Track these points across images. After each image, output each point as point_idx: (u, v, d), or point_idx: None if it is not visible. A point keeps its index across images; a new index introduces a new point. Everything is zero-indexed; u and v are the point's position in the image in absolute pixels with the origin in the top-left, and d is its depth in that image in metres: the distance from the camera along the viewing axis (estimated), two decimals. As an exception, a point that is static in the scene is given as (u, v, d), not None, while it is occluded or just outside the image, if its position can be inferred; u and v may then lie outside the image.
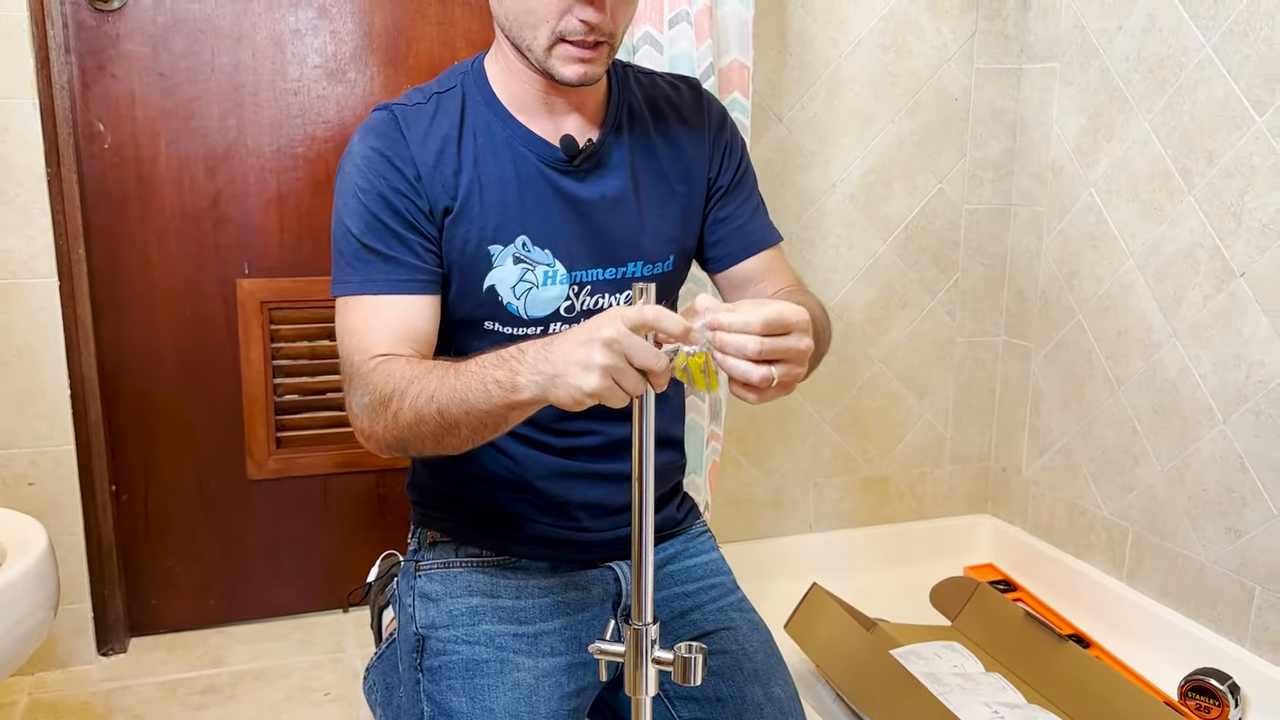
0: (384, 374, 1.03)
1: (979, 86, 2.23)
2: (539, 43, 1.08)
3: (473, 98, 1.17)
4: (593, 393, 0.84)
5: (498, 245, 1.14)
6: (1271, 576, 1.73)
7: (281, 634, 2.03)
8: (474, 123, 1.15)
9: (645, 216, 1.20)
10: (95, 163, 1.81)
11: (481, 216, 1.13)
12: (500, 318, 1.16)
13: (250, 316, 1.93)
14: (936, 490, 2.42)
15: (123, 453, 1.92)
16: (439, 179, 1.12)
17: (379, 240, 1.10)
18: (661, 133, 1.23)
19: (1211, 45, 1.79)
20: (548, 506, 1.22)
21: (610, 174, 1.18)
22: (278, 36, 1.86)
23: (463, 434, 0.98)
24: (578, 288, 1.17)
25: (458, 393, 0.95)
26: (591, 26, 1.05)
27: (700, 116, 1.27)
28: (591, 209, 1.17)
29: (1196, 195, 1.83)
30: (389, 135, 1.12)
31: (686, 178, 1.24)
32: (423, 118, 1.14)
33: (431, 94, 1.17)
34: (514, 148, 1.15)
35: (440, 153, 1.13)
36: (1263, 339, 1.72)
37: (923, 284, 2.29)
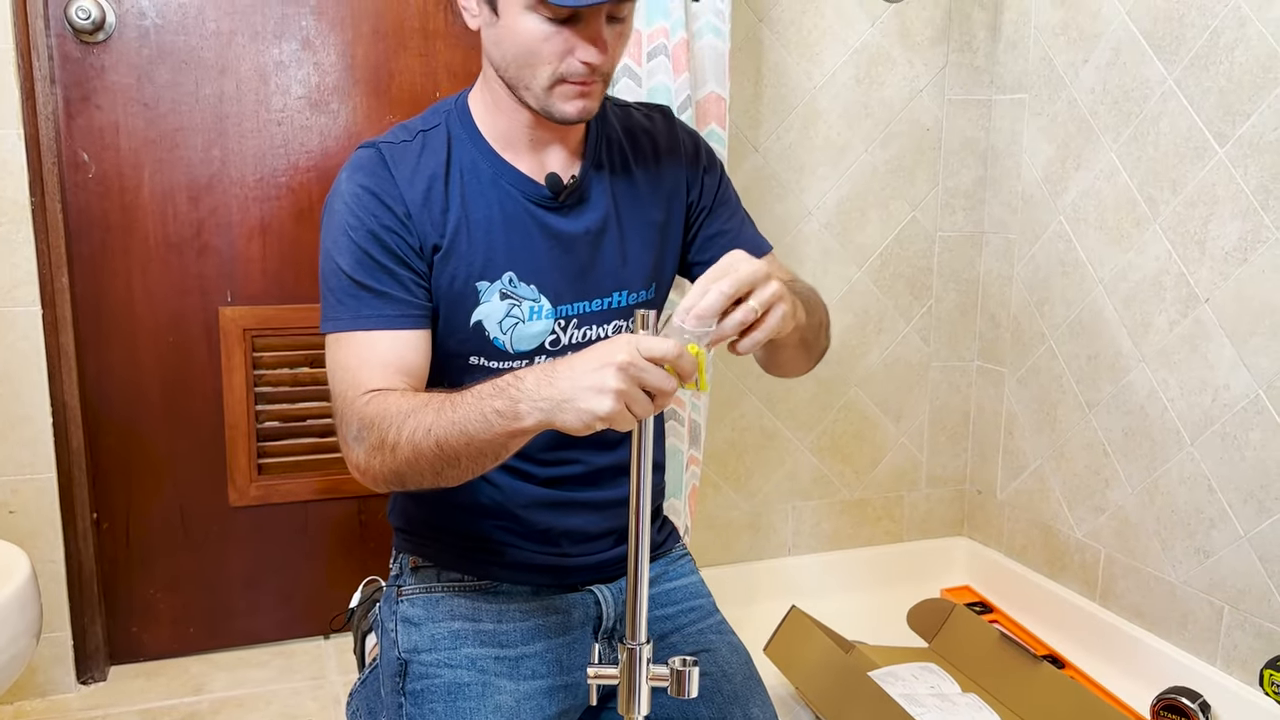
0: (378, 409, 1.03)
1: (950, 117, 2.28)
2: (539, 83, 1.09)
3: (458, 135, 1.18)
4: (605, 416, 0.86)
5: (485, 281, 1.15)
6: (1240, 596, 1.77)
7: (263, 661, 2.03)
8: (460, 161, 1.17)
9: (627, 247, 1.23)
10: (79, 192, 1.83)
11: (469, 253, 1.15)
12: (486, 352, 1.17)
13: (233, 344, 1.94)
14: (913, 513, 2.45)
15: (104, 480, 1.92)
16: (428, 216, 1.13)
17: (370, 276, 1.11)
18: (639, 162, 1.26)
19: (1174, 78, 1.84)
20: (530, 534, 1.24)
21: (592, 208, 1.21)
22: (261, 68, 1.89)
23: (463, 465, 0.99)
24: (564, 321, 1.19)
25: (456, 425, 0.96)
26: (593, 68, 1.08)
27: (675, 142, 1.30)
28: (575, 243, 1.19)
29: (1162, 223, 1.88)
30: (377, 173, 1.13)
31: (666, 205, 1.27)
32: (409, 155, 1.15)
33: (416, 132, 1.18)
34: (500, 185, 1.17)
35: (428, 191, 1.14)
36: (1227, 363, 1.77)
37: (898, 310, 2.33)
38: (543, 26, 1.06)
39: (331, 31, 1.91)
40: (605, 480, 1.25)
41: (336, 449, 2.04)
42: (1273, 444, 1.70)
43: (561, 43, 1.07)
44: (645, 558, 0.93)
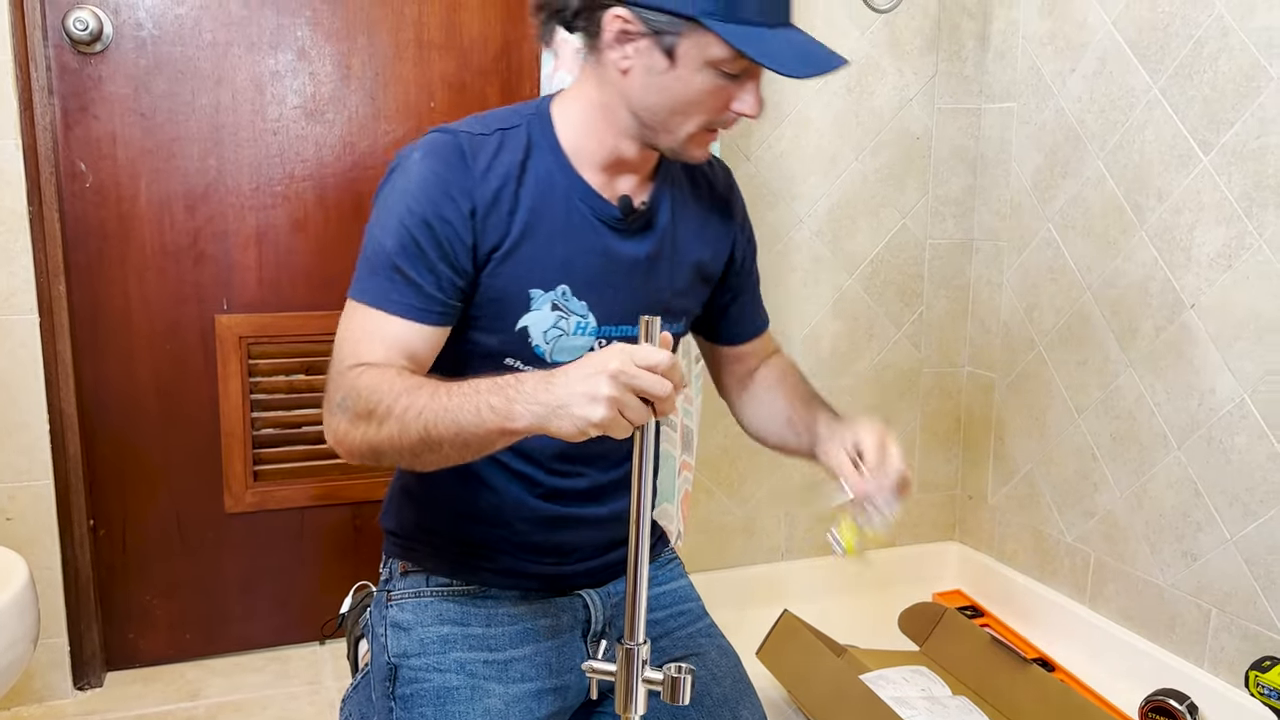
0: (371, 381, 1.03)
1: (940, 126, 2.31)
2: (685, 130, 1.11)
3: (537, 141, 1.17)
4: (599, 423, 0.87)
5: (539, 290, 1.15)
6: (1226, 599, 1.79)
7: (258, 666, 2.04)
8: (535, 166, 1.16)
9: (676, 280, 1.25)
10: (76, 201, 1.84)
11: (529, 259, 1.14)
12: (524, 356, 1.17)
13: (229, 352, 1.96)
14: (905, 518, 2.46)
15: (101, 487, 1.94)
16: (495, 216, 1.13)
17: (410, 264, 1.10)
18: (695, 202, 1.29)
19: (1159, 87, 1.86)
20: (524, 545, 1.24)
21: (652, 235, 1.22)
22: (257, 78, 1.91)
23: (444, 452, 0.98)
24: (604, 340, 1.20)
25: (449, 413, 0.95)
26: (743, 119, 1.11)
27: (730, 197, 1.34)
28: (632, 267, 1.20)
29: (1148, 230, 1.90)
30: (452, 163, 1.12)
31: (711, 249, 1.30)
32: (487, 150, 1.14)
33: (495, 128, 1.16)
34: (570, 199, 1.17)
35: (500, 190, 1.13)
36: (1213, 368, 1.79)
37: (888, 316, 2.35)
38: (716, 81, 1.08)
39: (327, 42, 1.93)
40: (606, 495, 1.27)
41: (332, 456, 2.06)
42: (1258, 448, 1.72)
43: (724, 96, 1.09)
44: (644, 559, 0.93)
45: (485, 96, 2.04)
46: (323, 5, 1.92)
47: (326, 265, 1.99)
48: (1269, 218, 1.68)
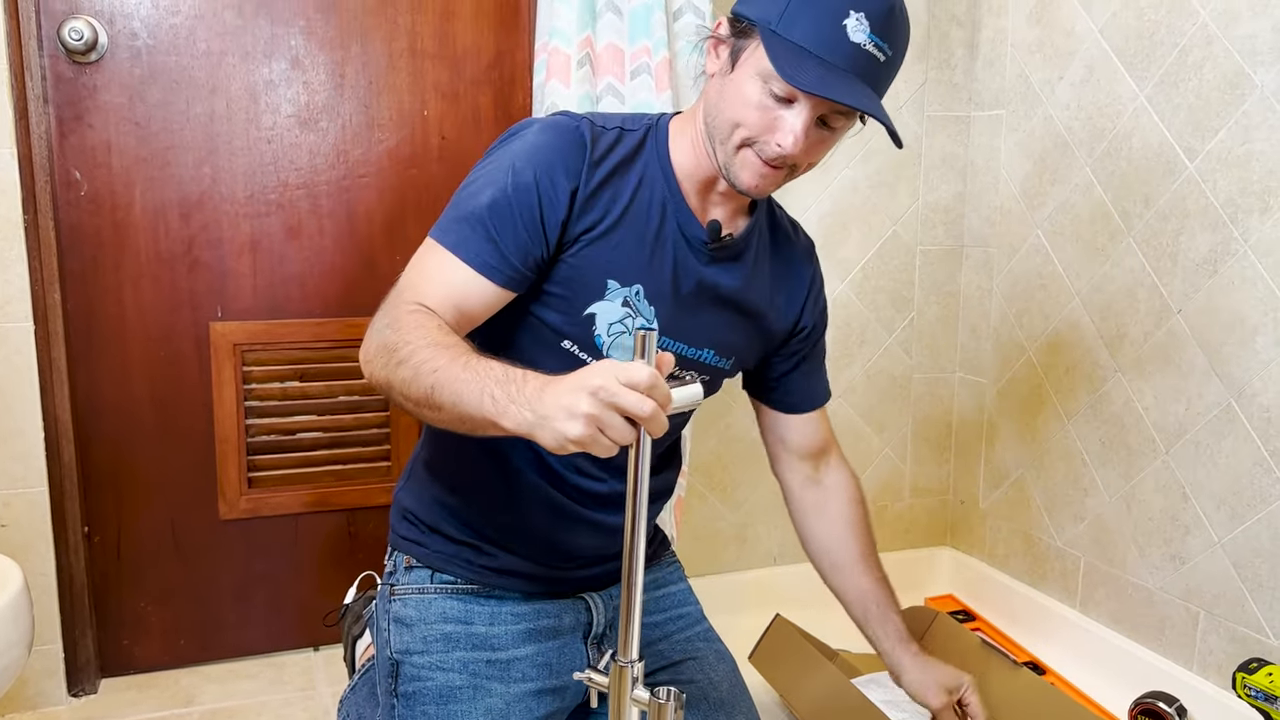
0: (414, 322, 1.04)
1: (930, 133, 2.33)
2: (732, 141, 1.13)
3: (650, 150, 1.21)
4: (576, 440, 0.87)
5: (616, 282, 1.18)
6: (1214, 602, 1.80)
7: (253, 673, 2.04)
8: (643, 169, 1.19)
9: (738, 319, 1.28)
10: (71, 210, 1.85)
11: (617, 250, 1.17)
12: (582, 343, 1.19)
13: (223, 359, 1.96)
14: (897, 524, 2.48)
15: (95, 494, 1.94)
16: (596, 200, 1.15)
17: (498, 222, 1.11)
18: (776, 257, 1.32)
19: (1145, 95, 1.88)
20: (533, 541, 1.26)
21: (732, 270, 1.25)
22: (252, 87, 1.92)
23: (442, 418, 0.99)
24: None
25: (456, 383, 0.96)
26: (784, 156, 1.11)
27: (808, 265, 1.37)
28: (704, 290, 1.23)
29: (1135, 236, 1.92)
30: (572, 141, 1.15)
31: (779, 307, 1.33)
32: (605, 141, 1.17)
33: (617, 126, 1.20)
34: (665, 210, 1.20)
35: (607, 178, 1.16)
36: (1200, 373, 1.80)
37: (880, 322, 2.37)
38: (764, 97, 1.09)
39: (321, 51, 1.95)
40: (621, 506, 1.27)
41: (326, 462, 2.08)
42: (1244, 452, 1.73)
43: (771, 118, 1.10)
44: (639, 578, 0.93)
45: (478, 105, 2.06)
46: (316, 15, 1.93)
47: (320, 273, 2.01)
48: (1253, 223, 1.70)
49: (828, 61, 1.06)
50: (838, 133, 1.14)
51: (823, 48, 1.06)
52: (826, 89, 1.04)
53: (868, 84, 1.08)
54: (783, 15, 1.07)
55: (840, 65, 1.06)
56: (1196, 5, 1.77)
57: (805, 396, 1.43)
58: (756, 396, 1.46)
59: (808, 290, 1.36)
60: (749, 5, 1.12)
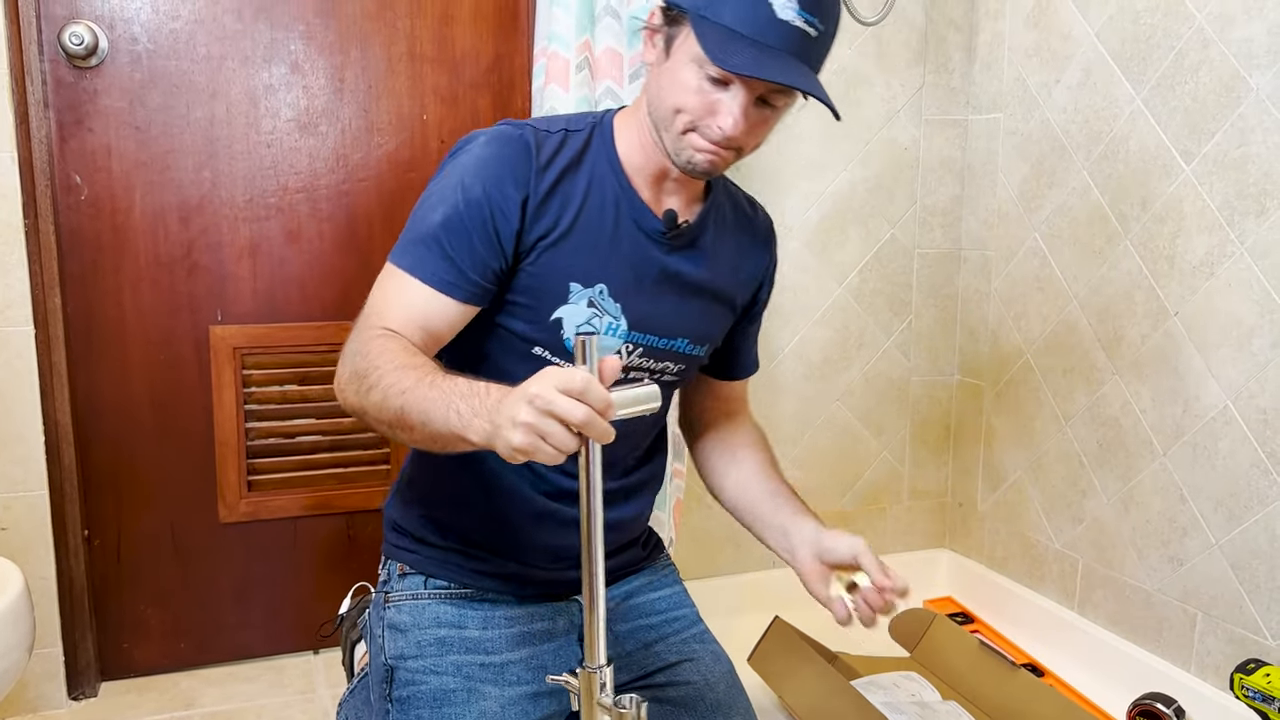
0: (380, 347, 1.07)
1: (928, 136, 2.33)
2: (675, 128, 1.14)
3: (597, 148, 1.21)
4: (519, 448, 0.88)
5: (578, 284, 1.19)
6: (1212, 603, 1.81)
7: (252, 676, 2.05)
8: (591, 168, 1.20)
9: (705, 303, 1.29)
10: (72, 214, 1.86)
11: (574, 254, 1.18)
12: (553, 348, 1.20)
13: (223, 362, 1.97)
14: (896, 526, 2.49)
15: (95, 497, 1.95)
16: (548, 207, 1.16)
17: (451, 239, 1.13)
18: (736, 239, 1.32)
19: (1141, 98, 1.89)
20: (519, 546, 1.26)
21: (693, 256, 1.26)
22: (251, 91, 1.93)
23: (415, 438, 1.01)
24: (631, 345, 1.23)
25: (424, 402, 0.98)
26: (727, 138, 1.12)
27: (768, 242, 1.38)
28: (667, 280, 1.24)
29: (1132, 239, 1.93)
30: (517, 151, 1.16)
31: (741, 286, 1.34)
32: (550, 146, 1.18)
33: (561, 128, 1.21)
34: (619, 205, 1.20)
35: (556, 183, 1.17)
36: (1196, 375, 1.81)
37: (878, 325, 2.37)
38: (700, 82, 1.10)
39: (320, 56, 1.95)
40: (617, 501, 1.29)
41: (325, 465, 2.08)
42: (1241, 453, 1.74)
43: (709, 102, 1.11)
44: (600, 585, 0.93)
45: (477, 109, 2.06)
46: (316, 19, 1.94)
47: (320, 276, 2.01)
48: (1249, 226, 1.70)
49: (758, 42, 1.07)
50: (779, 110, 1.15)
51: (752, 28, 1.07)
52: (759, 69, 1.05)
53: (802, 60, 1.09)
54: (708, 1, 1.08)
55: (772, 44, 1.07)
56: (1192, 9, 1.78)
57: (742, 366, 1.44)
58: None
59: (766, 268, 1.37)
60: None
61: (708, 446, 1.45)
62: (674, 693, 1.29)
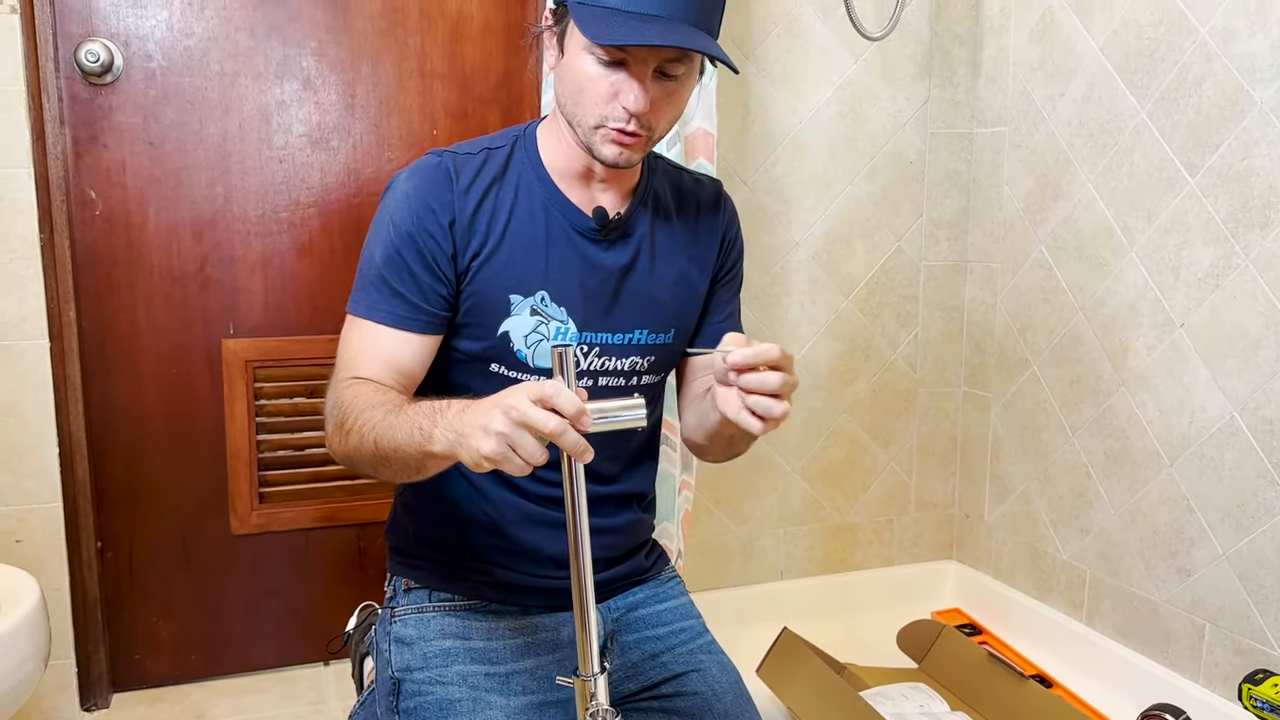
0: (351, 395, 1.11)
1: (933, 150, 2.35)
2: (587, 121, 1.15)
3: (519, 158, 1.24)
4: (488, 456, 0.89)
5: (518, 295, 1.21)
6: (1220, 614, 1.81)
7: (263, 687, 2.06)
8: (516, 180, 1.23)
9: (656, 290, 1.29)
10: (86, 229, 1.88)
11: (508, 265, 1.20)
12: (507, 362, 1.22)
13: (235, 375, 1.99)
14: (903, 537, 2.49)
15: (108, 509, 1.96)
16: (475, 225, 1.20)
17: (395, 275, 1.17)
18: (681, 218, 1.33)
19: (1146, 111, 1.90)
20: (519, 553, 1.27)
21: (630, 246, 1.27)
22: (264, 107, 1.95)
23: (393, 468, 1.04)
24: (586, 347, 1.24)
25: (392, 430, 1.01)
26: (631, 115, 1.13)
27: (716, 211, 1.37)
28: (609, 276, 1.25)
29: (1138, 251, 1.94)
30: (437, 180, 1.19)
31: (698, 262, 1.34)
32: (471, 167, 1.21)
33: (483, 148, 1.24)
34: (549, 210, 1.23)
35: (480, 201, 1.20)
36: (1203, 386, 1.82)
37: (884, 337, 2.38)
38: (595, 68, 1.12)
39: (331, 72, 1.98)
40: (603, 509, 1.29)
41: (336, 478, 2.10)
42: (1248, 464, 1.75)
43: (609, 86, 1.12)
44: (590, 595, 0.94)
45: (486, 124, 2.09)
46: (328, 36, 1.97)
47: (331, 290, 2.03)
48: (1254, 238, 1.71)
49: (638, 13, 1.08)
50: (682, 81, 1.15)
51: (630, 1, 1.08)
52: (640, 36, 1.06)
53: (689, 23, 1.09)
54: None
55: (651, 12, 1.08)
56: (1195, 23, 1.80)
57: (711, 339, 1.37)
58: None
59: (723, 232, 1.36)
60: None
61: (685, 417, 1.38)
62: (681, 703, 1.29)
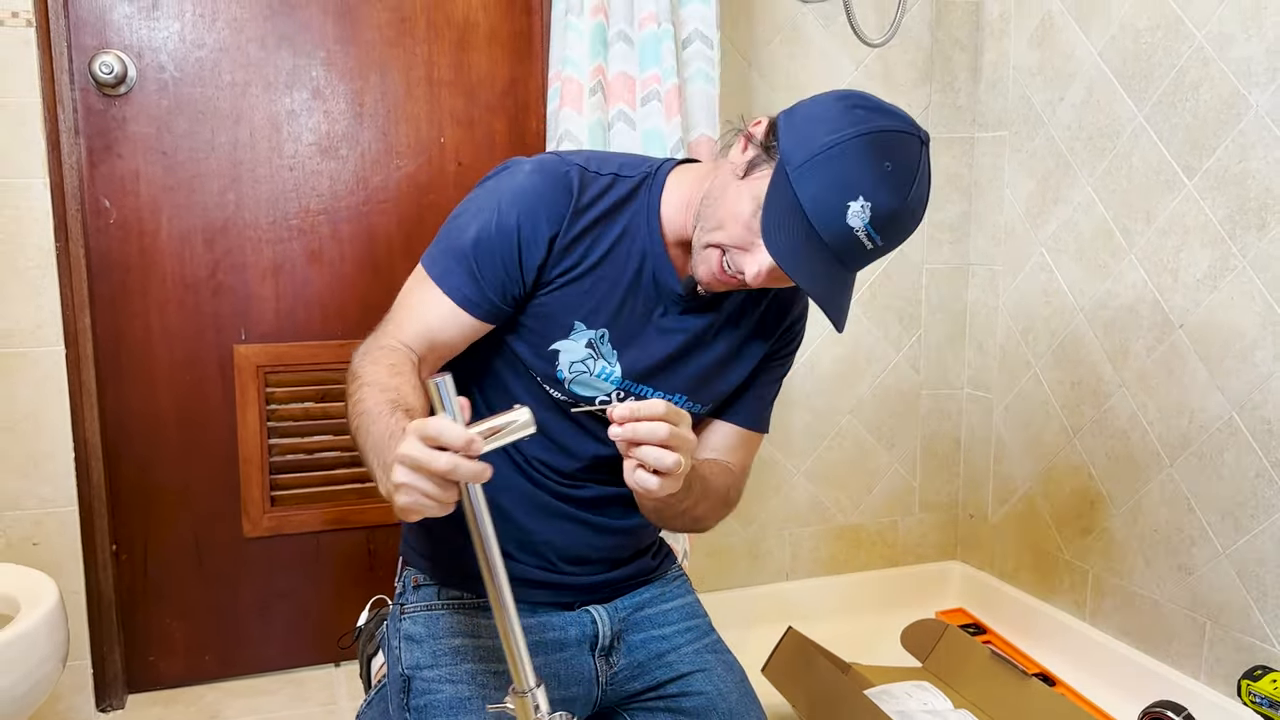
0: (378, 359, 1.12)
1: (935, 154, 2.35)
2: (704, 237, 1.14)
3: (642, 200, 1.22)
4: (404, 509, 0.91)
5: (582, 324, 1.21)
6: (1221, 612, 1.83)
7: (275, 688, 2.08)
8: (630, 220, 1.21)
9: (713, 369, 1.29)
10: (101, 237, 1.91)
11: (587, 295, 1.21)
12: (546, 376, 1.23)
13: (246, 381, 2.02)
14: (907, 538, 2.51)
15: (123, 513, 1.99)
16: (575, 247, 1.19)
17: (478, 257, 1.17)
18: (763, 295, 1.30)
19: (1144, 115, 1.93)
20: (525, 545, 1.29)
21: (706, 319, 1.26)
22: (274, 116, 1.98)
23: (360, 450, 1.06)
24: (623, 393, 1.25)
25: (368, 421, 1.03)
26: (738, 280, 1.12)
27: (795, 299, 1.34)
28: (674, 341, 1.25)
29: (1137, 253, 1.96)
30: (558, 187, 1.18)
31: (759, 342, 1.32)
32: (595, 188, 1.20)
33: (612, 173, 1.22)
34: (645, 260, 1.21)
35: (589, 227, 1.19)
36: (1201, 386, 1.84)
37: (888, 340, 2.41)
38: (751, 219, 1.09)
39: (341, 81, 2.01)
40: (612, 509, 1.31)
41: (346, 480, 2.12)
42: (1247, 463, 1.77)
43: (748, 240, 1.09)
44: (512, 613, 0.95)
45: (493, 132, 2.12)
46: (336, 46, 2.00)
47: (341, 296, 2.06)
48: (1251, 239, 1.74)
49: (814, 230, 1.05)
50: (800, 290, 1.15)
51: (818, 216, 1.04)
52: (789, 261, 1.04)
53: (843, 263, 1.07)
54: (803, 164, 1.05)
55: (824, 238, 1.05)
56: (1192, 28, 1.82)
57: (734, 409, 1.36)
58: None
59: (791, 319, 1.34)
60: (789, 129, 1.09)
61: None
62: (687, 703, 1.30)
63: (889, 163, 1.04)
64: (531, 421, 0.92)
